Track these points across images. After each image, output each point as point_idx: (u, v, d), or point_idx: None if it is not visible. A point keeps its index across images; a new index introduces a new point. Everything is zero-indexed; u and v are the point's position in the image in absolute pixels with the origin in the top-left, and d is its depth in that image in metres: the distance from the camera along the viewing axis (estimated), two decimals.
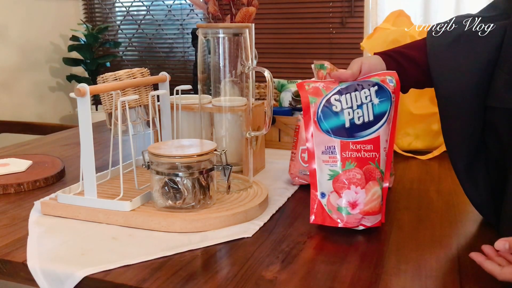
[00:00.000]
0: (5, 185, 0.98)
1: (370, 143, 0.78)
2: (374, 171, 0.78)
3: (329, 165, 0.79)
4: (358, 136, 0.79)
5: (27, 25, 3.29)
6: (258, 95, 1.49)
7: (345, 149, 0.78)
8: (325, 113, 0.79)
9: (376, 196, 0.78)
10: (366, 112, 0.79)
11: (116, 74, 0.95)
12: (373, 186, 0.78)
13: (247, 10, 1.18)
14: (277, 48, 3.20)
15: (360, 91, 0.79)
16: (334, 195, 0.78)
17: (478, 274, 0.66)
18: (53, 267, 0.67)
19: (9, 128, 2.69)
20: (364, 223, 0.78)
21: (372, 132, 0.79)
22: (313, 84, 0.81)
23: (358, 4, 2.98)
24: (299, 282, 0.64)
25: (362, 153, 0.78)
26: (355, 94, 0.79)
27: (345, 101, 0.79)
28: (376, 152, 0.79)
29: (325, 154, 0.79)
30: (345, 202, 0.78)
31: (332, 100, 0.79)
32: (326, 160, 0.79)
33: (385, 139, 0.80)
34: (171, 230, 0.78)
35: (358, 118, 0.79)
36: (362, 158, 0.78)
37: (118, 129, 0.86)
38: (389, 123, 0.81)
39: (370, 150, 0.78)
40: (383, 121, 0.79)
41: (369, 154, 0.78)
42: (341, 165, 0.78)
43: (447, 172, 1.11)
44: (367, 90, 0.79)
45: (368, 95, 0.79)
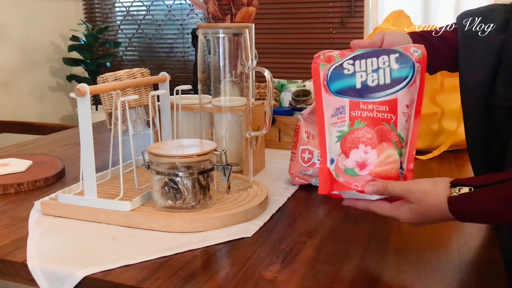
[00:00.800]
0: (5, 185, 0.98)
1: (385, 104, 0.71)
2: (389, 133, 0.69)
3: (337, 127, 0.71)
4: (371, 97, 0.71)
5: (27, 25, 3.29)
6: (258, 95, 1.49)
7: (354, 108, 0.71)
8: (335, 76, 0.73)
9: (392, 159, 0.68)
10: (383, 75, 0.73)
11: (116, 74, 0.95)
12: (387, 147, 0.69)
13: (247, 10, 1.18)
14: (277, 48, 3.20)
15: (378, 57, 0.74)
16: (342, 157, 0.70)
17: (478, 274, 0.66)
18: (53, 267, 0.67)
19: (9, 128, 2.69)
20: None
21: (388, 94, 0.71)
22: (329, 53, 0.76)
23: (358, 4, 2.98)
24: (299, 282, 0.64)
25: (374, 113, 0.71)
26: (371, 60, 0.74)
27: (359, 65, 0.74)
28: (393, 114, 0.70)
29: (334, 117, 0.72)
30: (353, 163, 0.69)
31: (345, 64, 0.74)
32: (334, 122, 0.72)
33: (405, 104, 0.72)
34: (171, 230, 0.78)
35: (372, 81, 0.72)
36: (374, 118, 0.70)
37: (118, 129, 0.86)
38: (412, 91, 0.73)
39: (385, 111, 0.70)
40: (402, 85, 0.72)
41: (383, 115, 0.70)
42: (349, 124, 0.70)
43: (447, 172, 1.11)
44: (385, 57, 0.74)
45: (386, 61, 0.73)
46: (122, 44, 3.64)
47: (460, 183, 0.62)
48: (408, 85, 0.72)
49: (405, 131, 0.72)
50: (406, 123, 0.72)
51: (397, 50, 0.74)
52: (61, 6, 3.58)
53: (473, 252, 0.72)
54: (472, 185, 0.62)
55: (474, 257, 0.71)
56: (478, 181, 0.62)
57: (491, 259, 0.70)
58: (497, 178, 0.61)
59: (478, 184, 0.62)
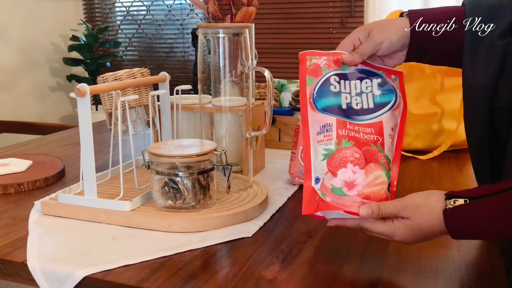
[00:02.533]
0: (5, 185, 0.98)
1: (371, 127, 0.70)
2: (377, 154, 0.68)
3: (324, 144, 0.69)
4: (356, 119, 0.71)
5: (27, 25, 3.29)
6: (258, 95, 1.49)
7: (341, 127, 0.69)
8: (322, 92, 0.72)
9: (380, 181, 0.67)
10: (366, 100, 0.72)
11: (116, 74, 0.95)
12: (375, 168, 0.67)
13: (247, 10, 1.18)
14: (277, 48, 3.20)
15: (362, 80, 0.73)
16: (329, 176, 0.68)
17: (478, 274, 0.66)
18: (53, 267, 0.67)
19: (9, 128, 2.69)
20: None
21: (372, 118, 0.71)
22: (316, 59, 0.74)
23: (358, 4, 2.98)
24: (299, 282, 0.64)
25: (361, 134, 0.70)
26: (354, 83, 0.73)
27: (344, 86, 0.73)
28: (379, 136, 0.70)
29: (320, 134, 0.70)
30: (341, 182, 0.67)
31: (331, 80, 0.72)
32: (320, 140, 0.70)
33: (390, 126, 0.72)
34: (171, 230, 0.78)
35: (356, 104, 0.72)
36: (361, 139, 0.69)
37: (118, 129, 0.86)
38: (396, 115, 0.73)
39: (371, 133, 0.70)
40: (386, 109, 0.72)
41: (369, 137, 0.70)
42: (337, 143, 0.69)
43: (447, 172, 1.11)
44: (368, 81, 0.73)
45: (369, 86, 0.73)
46: (122, 44, 3.64)
47: (454, 195, 0.61)
48: (392, 109, 0.73)
49: (391, 153, 0.71)
50: (391, 145, 0.72)
51: (380, 75, 0.74)
52: (61, 6, 3.58)
53: (473, 252, 0.72)
54: (467, 197, 0.60)
55: (474, 257, 0.71)
56: (473, 193, 0.60)
57: (491, 259, 0.70)
58: (492, 189, 0.59)
59: (474, 196, 0.60)
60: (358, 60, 0.74)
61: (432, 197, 0.61)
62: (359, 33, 0.76)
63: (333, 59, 0.74)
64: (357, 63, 0.74)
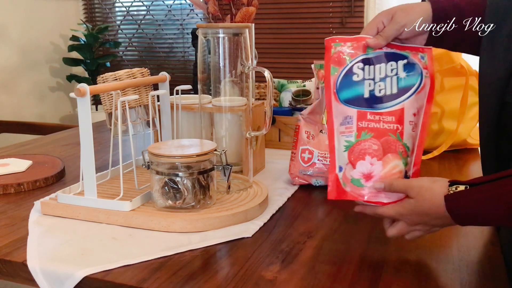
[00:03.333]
0: (5, 185, 0.98)
1: (391, 115, 0.73)
2: (395, 144, 0.72)
3: (345, 136, 0.74)
4: (378, 107, 0.74)
5: (27, 25, 3.29)
6: (258, 95, 1.49)
7: (361, 119, 0.73)
8: (344, 83, 0.74)
9: (397, 170, 0.71)
10: (390, 85, 0.74)
11: (116, 74, 0.95)
12: (392, 159, 0.72)
13: (247, 10, 1.18)
14: (277, 48, 3.20)
15: (387, 63, 0.75)
16: (349, 167, 0.73)
17: (478, 274, 0.66)
18: (53, 267, 0.67)
19: (9, 128, 2.69)
20: (381, 200, 0.71)
21: (394, 105, 0.74)
22: (340, 46, 0.76)
23: (358, 4, 2.98)
24: (299, 282, 0.64)
25: (381, 123, 0.73)
26: (379, 66, 0.75)
27: (368, 72, 0.75)
28: (399, 124, 0.73)
29: (343, 125, 0.74)
30: (359, 174, 0.72)
31: (354, 69, 0.75)
32: (343, 132, 0.74)
33: (411, 112, 0.74)
34: (171, 230, 0.78)
35: (379, 90, 0.74)
36: (380, 129, 0.73)
37: (118, 129, 0.86)
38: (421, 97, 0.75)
39: (391, 121, 0.73)
40: (409, 94, 0.74)
41: (389, 126, 0.73)
42: (356, 135, 0.73)
43: (447, 172, 1.11)
44: (394, 63, 0.75)
45: (394, 68, 0.75)
46: (122, 44, 3.64)
47: (457, 182, 0.64)
48: (415, 92, 0.74)
49: (411, 140, 0.74)
50: (412, 131, 0.74)
51: (406, 56, 0.75)
52: (61, 6, 3.58)
53: (473, 252, 0.72)
54: (469, 184, 0.63)
55: (474, 257, 0.71)
56: (476, 181, 0.63)
57: (491, 259, 0.70)
58: (492, 177, 0.62)
59: (474, 183, 0.63)
60: (383, 43, 0.76)
61: (437, 182, 0.65)
62: (382, 17, 0.78)
63: (357, 45, 0.76)
64: (382, 46, 0.76)
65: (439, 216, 0.64)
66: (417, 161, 0.75)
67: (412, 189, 0.67)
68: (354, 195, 0.72)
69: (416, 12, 0.77)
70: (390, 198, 0.71)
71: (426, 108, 0.76)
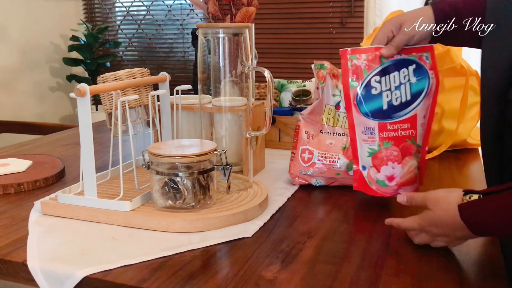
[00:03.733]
0: (5, 185, 0.98)
1: (407, 122, 0.84)
2: (411, 147, 0.85)
3: (368, 144, 0.86)
4: (396, 116, 0.84)
5: (27, 25, 3.29)
6: (258, 95, 1.49)
7: (383, 130, 0.84)
8: (365, 97, 0.84)
9: (412, 168, 0.86)
10: (404, 92, 0.84)
11: (116, 74, 0.95)
12: (409, 160, 0.86)
13: (247, 10, 1.18)
14: (277, 48, 3.20)
15: (400, 70, 0.83)
16: (373, 170, 0.86)
17: (478, 274, 0.66)
18: (53, 267, 0.67)
19: (9, 128, 2.69)
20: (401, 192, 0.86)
21: (409, 112, 0.84)
22: (356, 59, 0.84)
23: (358, 4, 2.98)
24: (299, 282, 0.64)
25: (399, 132, 0.84)
26: (393, 75, 0.83)
27: (385, 83, 0.83)
28: (413, 130, 0.85)
29: (365, 134, 0.86)
30: (383, 176, 0.86)
31: (372, 82, 0.83)
32: (365, 140, 0.86)
33: (422, 115, 0.85)
34: (171, 230, 0.78)
35: (396, 99, 0.84)
36: (399, 136, 0.85)
37: (118, 129, 0.86)
38: (428, 99, 0.85)
39: (407, 128, 0.84)
40: (420, 99, 0.84)
41: (405, 132, 0.85)
42: (379, 145, 0.85)
43: (447, 172, 1.11)
44: (405, 70, 0.83)
45: (406, 74, 0.84)
46: (122, 44, 3.64)
47: (471, 191, 0.66)
48: (424, 97, 0.85)
49: (421, 138, 0.87)
50: (422, 131, 0.86)
51: (414, 60, 0.84)
52: (61, 6, 3.58)
53: (473, 252, 0.72)
54: (482, 193, 0.64)
55: (474, 257, 0.71)
56: (490, 190, 0.64)
57: (491, 259, 0.70)
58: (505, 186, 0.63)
59: (487, 192, 0.64)
60: (394, 52, 0.84)
61: (453, 192, 0.68)
62: (391, 25, 0.85)
63: (372, 57, 0.84)
64: (394, 55, 0.84)
65: (456, 227, 0.66)
66: (424, 155, 0.88)
67: (429, 200, 0.70)
68: (380, 192, 0.87)
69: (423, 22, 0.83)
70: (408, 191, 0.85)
71: (432, 106, 0.86)
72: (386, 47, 0.84)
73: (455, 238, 0.69)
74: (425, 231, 0.71)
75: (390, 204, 0.91)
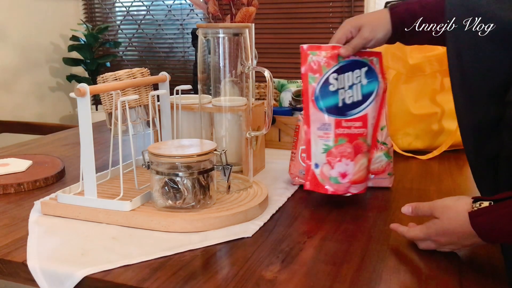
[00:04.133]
0: (5, 185, 0.98)
1: (359, 120, 0.87)
2: (362, 145, 0.87)
3: (324, 140, 0.87)
4: (349, 114, 0.86)
5: (27, 25, 3.29)
6: (258, 95, 1.49)
7: (338, 126, 0.86)
8: (322, 93, 0.86)
9: (363, 167, 0.88)
10: (356, 92, 0.87)
11: (116, 74, 0.95)
12: (361, 158, 0.87)
13: (247, 10, 1.18)
14: (277, 48, 3.20)
15: (354, 71, 0.86)
16: (327, 166, 0.87)
17: (478, 274, 0.66)
18: (53, 267, 0.67)
19: (9, 128, 2.69)
20: (352, 190, 0.87)
21: (361, 111, 0.87)
22: (316, 56, 0.86)
23: (358, 4, 2.98)
24: (299, 282, 0.64)
25: (352, 129, 0.86)
26: (348, 75, 0.86)
27: (340, 81, 0.86)
28: (365, 128, 0.87)
29: (321, 130, 0.87)
30: (337, 173, 0.86)
31: (330, 79, 0.86)
32: (321, 136, 0.87)
33: (372, 116, 0.88)
34: (171, 230, 0.78)
35: (349, 98, 0.86)
36: (352, 134, 0.86)
37: (118, 129, 0.86)
38: (377, 101, 0.89)
39: (360, 127, 0.87)
40: (370, 100, 0.87)
41: (358, 131, 0.87)
42: (334, 141, 0.86)
43: (447, 172, 1.11)
44: (358, 71, 0.87)
45: (359, 75, 0.87)
46: (122, 44, 3.64)
47: (481, 198, 0.65)
48: (374, 99, 0.88)
49: (371, 138, 0.90)
50: (372, 131, 0.89)
51: (366, 63, 0.88)
52: (61, 6, 3.58)
53: (473, 252, 0.72)
54: (493, 200, 0.63)
55: (474, 257, 0.71)
56: (500, 196, 0.63)
57: (491, 259, 0.70)
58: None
59: (498, 198, 0.63)
60: (351, 53, 0.87)
61: (461, 200, 0.67)
62: (350, 26, 0.88)
63: (330, 54, 0.86)
64: (350, 55, 0.87)
65: (466, 235, 0.65)
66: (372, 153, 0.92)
67: (436, 209, 0.69)
68: (332, 190, 0.87)
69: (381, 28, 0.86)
70: (357, 189, 0.88)
71: (380, 109, 0.90)
72: (344, 47, 0.86)
73: (463, 246, 0.68)
74: (432, 240, 0.70)
75: (390, 204, 0.91)
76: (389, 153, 0.98)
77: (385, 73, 0.92)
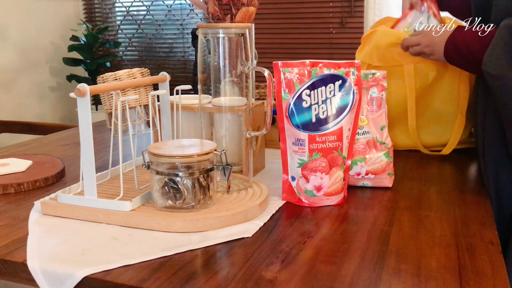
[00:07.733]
0: (5, 185, 0.98)
1: (333, 134, 0.88)
2: (337, 158, 0.89)
3: (298, 155, 0.89)
4: (323, 129, 0.88)
5: (27, 25, 3.29)
6: (258, 95, 1.49)
7: (312, 142, 0.88)
8: (296, 109, 0.88)
9: (339, 179, 0.90)
10: (330, 106, 0.88)
11: (116, 74, 0.95)
12: (336, 171, 0.89)
13: (247, 10, 1.18)
14: (277, 48, 3.20)
15: (326, 86, 0.88)
16: (302, 180, 0.89)
17: (478, 274, 0.66)
18: (53, 267, 0.67)
19: (9, 128, 2.69)
20: (327, 203, 0.90)
21: (335, 125, 0.88)
22: (289, 72, 0.89)
23: (358, 4, 2.98)
24: (299, 282, 0.64)
25: (327, 144, 0.88)
26: (321, 90, 0.88)
27: (314, 96, 0.87)
28: (339, 142, 0.89)
29: (295, 145, 0.89)
30: (312, 186, 0.89)
31: (303, 95, 0.87)
32: (296, 151, 0.89)
33: (347, 128, 0.90)
34: (171, 230, 0.78)
35: (322, 112, 0.88)
36: (327, 148, 0.88)
37: (118, 129, 0.86)
38: (352, 114, 0.90)
39: (334, 140, 0.88)
40: (345, 113, 0.89)
41: (333, 144, 0.89)
42: (309, 156, 0.88)
43: (447, 172, 1.11)
44: (332, 85, 0.88)
45: (332, 89, 0.88)
46: (122, 44, 3.64)
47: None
48: (349, 112, 0.89)
49: (346, 150, 0.91)
50: (347, 143, 0.91)
51: (341, 76, 0.89)
52: (61, 6, 3.58)
53: (473, 252, 0.72)
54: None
55: (474, 257, 0.71)
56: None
57: (491, 259, 0.70)
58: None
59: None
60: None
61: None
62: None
63: (302, 71, 0.88)
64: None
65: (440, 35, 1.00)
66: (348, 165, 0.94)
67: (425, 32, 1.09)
68: (308, 202, 0.90)
69: None
70: (333, 201, 0.90)
71: (355, 120, 0.92)
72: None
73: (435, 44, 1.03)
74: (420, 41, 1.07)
75: (390, 204, 0.91)
76: (389, 153, 0.98)
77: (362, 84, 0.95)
